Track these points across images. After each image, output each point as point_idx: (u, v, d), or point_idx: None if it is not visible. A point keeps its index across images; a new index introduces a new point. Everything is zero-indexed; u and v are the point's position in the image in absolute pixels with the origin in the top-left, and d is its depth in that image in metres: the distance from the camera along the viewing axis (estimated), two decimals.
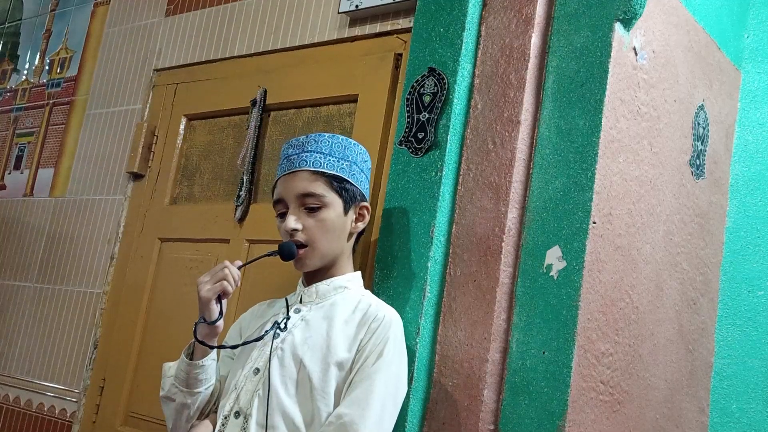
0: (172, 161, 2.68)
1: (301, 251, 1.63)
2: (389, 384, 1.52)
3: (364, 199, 1.71)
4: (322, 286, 1.67)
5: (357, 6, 2.22)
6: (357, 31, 2.27)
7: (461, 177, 1.78)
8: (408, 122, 1.84)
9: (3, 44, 3.65)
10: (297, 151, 1.67)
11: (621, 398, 1.70)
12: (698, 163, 2.00)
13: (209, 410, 1.68)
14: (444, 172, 1.75)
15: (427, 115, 1.80)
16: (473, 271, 1.71)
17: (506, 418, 1.62)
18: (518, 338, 1.65)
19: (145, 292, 2.59)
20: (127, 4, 3.04)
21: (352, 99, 2.22)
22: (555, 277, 1.62)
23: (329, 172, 1.65)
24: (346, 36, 2.29)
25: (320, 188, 1.63)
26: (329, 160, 1.65)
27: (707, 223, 2.05)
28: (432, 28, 1.86)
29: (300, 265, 1.66)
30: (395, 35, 2.18)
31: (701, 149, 2.02)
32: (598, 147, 1.62)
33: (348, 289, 1.68)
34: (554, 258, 1.63)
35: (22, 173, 3.27)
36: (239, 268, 1.60)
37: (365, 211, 1.71)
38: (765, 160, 2.14)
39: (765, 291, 2.07)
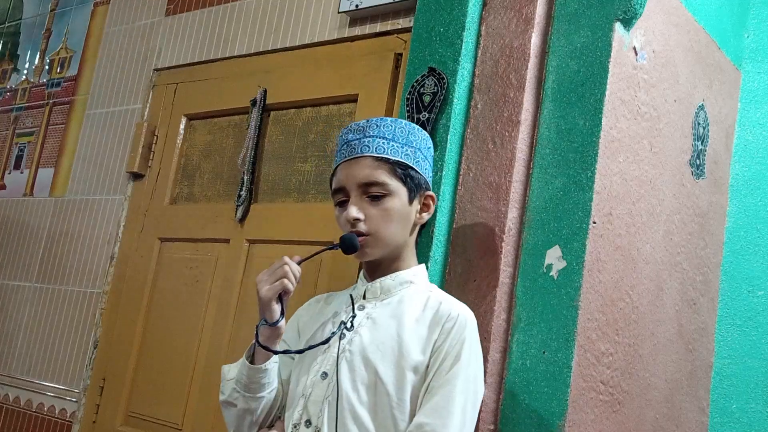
0: (172, 161, 2.68)
1: (362, 239, 1.51)
2: (468, 389, 1.43)
3: (428, 187, 1.61)
4: (387, 281, 1.56)
5: (357, 6, 2.22)
6: (357, 30, 2.27)
7: (461, 177, 1.78)
8: None
9: (3, 44, 3.65)
10: (358, 136, 1.55)
11: (621, 398, 1.70)
12: (698, 163, 2.00)
13: (274, 415, 1.58)
14: (444, 172, 1.75)
15: (427, 115, 1.80)
16: (473, 271, 1.71)
17: (506, 418, 1.62)
18: (518, 338, 1.65)
19: (145, 292, 2.59)
20: (127, 4, 3.04)
21: (352, 99, 2.23)
22: (555, 277, 1.62)
23: (393, 158, 1.53)
24: (346, 36, 2.29)
25: (384, 176, 1.52)
26: (393, 145, 1.54)
27: (707, 223, 2.05)
28: (432, 28, 1.86)
29: (362, 254, 1.54)
30: (395, 35, 2.18)
31: (701, 149, 2.02)
32: (598, 147, 1.62)
33: (414, 284, 1.57)
34: (554, 258, 1.63)
35: (22, 173, 3.27)
36: (299, 263, 1.49)
37: (430, 201, 1.61)
38: (765, 160, 2.14)
39: (765, 291, 2.07)
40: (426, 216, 1.61)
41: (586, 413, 1.59)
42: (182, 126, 2.69)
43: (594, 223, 1.60)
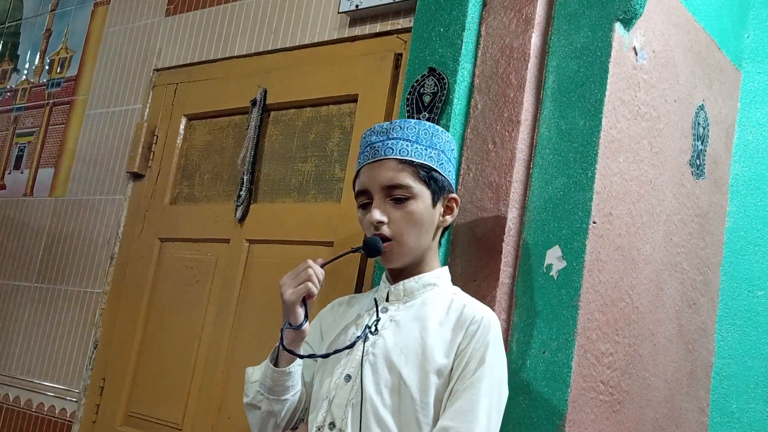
0: (172, 161, 2.68)
1: (386, 245, 1.51)
2: (493, 392, 1.42)
3: (452, 190, 1.59)
4: (411, 283, 1.55)
5: (357, 6, 2.22)
6: (357, 31, 2.27)
7: (461, 177, 1.78)
8: None
9: (3, 44, 3.65)
10: (382, 138, 1.54)
11: (621, 398, 1.70)
12: (698, 163, 2.00)
13: (297, 417, 1.58)
14: None
15: (427, 115, 1.80)
16: (473, 271, 1.71)
17: (506, 418, 1.61)
18: (518, 338, 1.65)
19: (145, 292, 2.59)
20: (127, 4, 3.04)
21: (352, 99, 2.22)
22: (555, 277, 1.62)
23: (417, 161, 1.52)
24: (346, 36, 2.29)
25: (408, 178, 1.51)
26: (416, 148, 1.53)
27: (707, 223, 2.05)
28: (432, 28, 1.86)
29: (386, 261, 1.54)
30: (395, 35, 2.18)
31: (701, 149, 2.02)
32: (598, 147, 1.62)
33: (437, 286, 1.56)
34: (554, 258, 1.63)
35: (22, 173, 3.27)
36: (322, 266, 1.49)
37: (454, 204, 1.59)
38: (765, 160, 2.14)
39: (765, 291, 2.07)
40: (449, 219, 1.59)
41: (586, 413, 1.59)
42: (182, 126, 2.69)
43: (594, 223, 1.60)
